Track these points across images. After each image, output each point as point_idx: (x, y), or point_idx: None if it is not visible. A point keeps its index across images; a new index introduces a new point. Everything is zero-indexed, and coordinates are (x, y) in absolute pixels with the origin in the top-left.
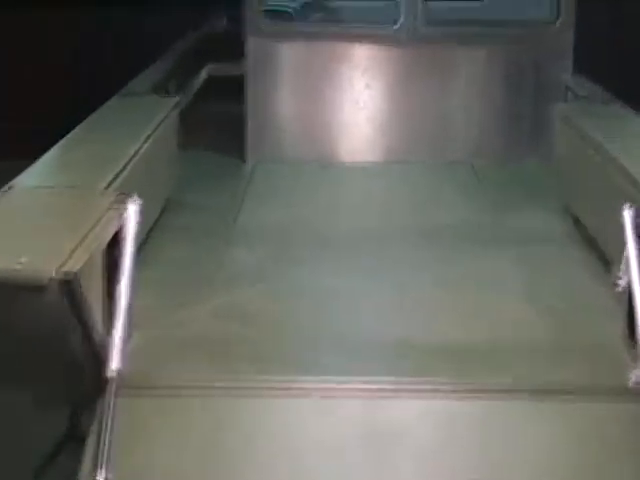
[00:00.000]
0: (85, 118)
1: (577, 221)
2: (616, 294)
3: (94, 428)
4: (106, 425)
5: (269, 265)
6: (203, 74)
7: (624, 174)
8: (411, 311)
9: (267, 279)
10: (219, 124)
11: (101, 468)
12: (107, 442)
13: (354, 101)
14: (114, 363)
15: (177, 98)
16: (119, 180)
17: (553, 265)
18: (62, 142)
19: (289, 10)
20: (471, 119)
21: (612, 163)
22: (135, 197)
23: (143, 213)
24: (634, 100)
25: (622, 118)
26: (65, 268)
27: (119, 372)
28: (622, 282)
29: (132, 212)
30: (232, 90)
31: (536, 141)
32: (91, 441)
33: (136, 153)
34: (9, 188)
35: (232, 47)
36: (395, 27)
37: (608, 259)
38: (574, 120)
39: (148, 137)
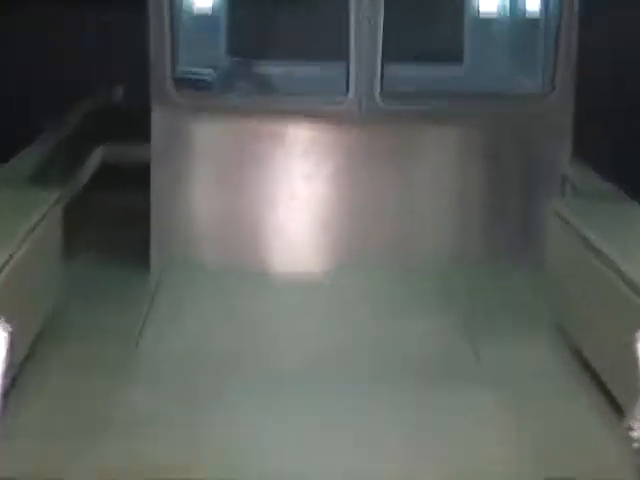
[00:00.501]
0: None
1: (574, 348)
2: (630, 448)
3: None
4: None
5: (174, 409)
6: (95, 158)
7: (636, 291)
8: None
9: (170, 429)
10: (117, 222)
11: None
12: None
13: (290, 194)
14: None
15: (60, 190)
16: None
17: (546, 410)
18: None
19: (206, 78)
20: (441, 216)
21: (619, 276)
22: (4, 320)
23: (15, 340)
24: None
25: (629, 218)
26: None
27: None
28: (637, 433)
29: (0, 339)
30: (134, 178)
31: (524, 245)
32: None
33: (6, 263)
34: None
35: (131, 123)
36: (344, 100)
37: (617, 400)
38: (571, 220)
39: (22, 241)
